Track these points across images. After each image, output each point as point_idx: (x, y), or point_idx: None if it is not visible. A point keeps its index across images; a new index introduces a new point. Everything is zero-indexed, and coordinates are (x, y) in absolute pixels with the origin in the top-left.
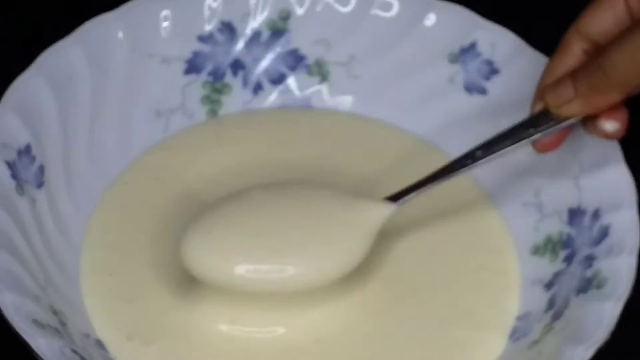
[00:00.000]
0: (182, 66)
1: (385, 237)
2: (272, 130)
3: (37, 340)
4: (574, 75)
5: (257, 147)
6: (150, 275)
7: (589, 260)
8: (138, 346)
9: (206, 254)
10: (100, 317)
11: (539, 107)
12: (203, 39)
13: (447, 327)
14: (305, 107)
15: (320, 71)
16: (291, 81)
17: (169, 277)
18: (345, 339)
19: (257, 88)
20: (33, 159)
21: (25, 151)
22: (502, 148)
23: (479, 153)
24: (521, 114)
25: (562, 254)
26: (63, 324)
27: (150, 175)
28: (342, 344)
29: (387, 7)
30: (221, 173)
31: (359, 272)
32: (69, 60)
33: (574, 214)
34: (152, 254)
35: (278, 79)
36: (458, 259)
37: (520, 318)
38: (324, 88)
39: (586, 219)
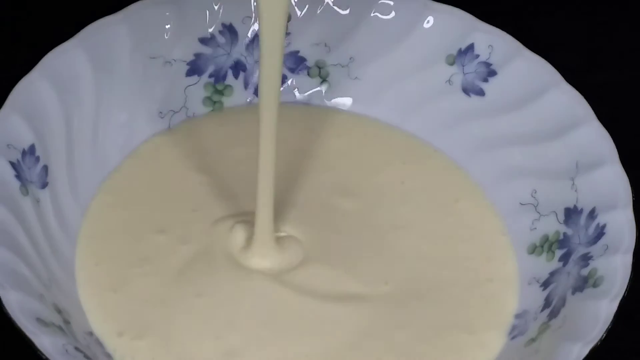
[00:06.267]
0: (184, 68)
1: (382, 237)
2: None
3: (41, 338)
4: None
5: (257, 141)
6: (134, 264)
7: (585, 259)
8: (129, 341)
9: None
10: (93, 310)
11: None
12: (205, 41)
13: (446, 326)
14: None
15: (320, 73)
16: (291, 83)
17: (155, 267)
18: (347, 344)
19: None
20: (37, 159)
21: (30, 152)
22: None
23: None
24: (519, 115)
25: (559, 253)
26: (67, 322)
27: (149, 166)
28: (344, 349)
29: (386, 9)
30: (221, 167)
31: (360, 274)
32: (72, 61)
33: (570, 214)
34: (141, 243)
35: None
36: (455, 259)
37: (517, 316)
38: (323, 89)
39: (582, 219)
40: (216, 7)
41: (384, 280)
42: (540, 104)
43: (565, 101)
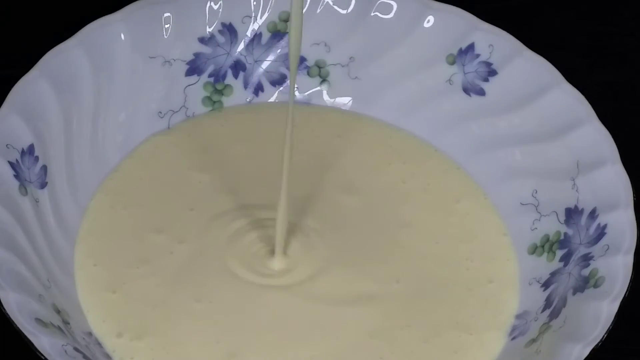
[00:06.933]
0: (183, 67)
1: (388, 236)
2: (272, 124)
3: (40, 339)
4: None
5: (256, 141)
6: (133, 264)
7: (586, 259)
8: (128, 342)
9: None
10: (92, 311)
11: None
12: (204, 40)
13: (447, 326)
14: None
15: (320, 72)
16: None
17: (153, 267)
18: (350, 346)
19: (258, 89)
20: (36, 159)
21: (29, 152)
22: None
23: None
24: (520, 115)
25: (559, 253)
26: (66, 322)
27: (148, 166)
28: (347, 351)
29: (386, 9)
30: (220, 167)
31: (372, 272)
32: (71, 61)
33: (571, 214)
34: (140, 243)
35: (278, 80)
36: (456, 259)
37: (518, 317)
38: (323, 89)
39: (583, 219)
40: (216, 7)
41: (396, 278)
42: (541, 103)
43: (566, 101)
